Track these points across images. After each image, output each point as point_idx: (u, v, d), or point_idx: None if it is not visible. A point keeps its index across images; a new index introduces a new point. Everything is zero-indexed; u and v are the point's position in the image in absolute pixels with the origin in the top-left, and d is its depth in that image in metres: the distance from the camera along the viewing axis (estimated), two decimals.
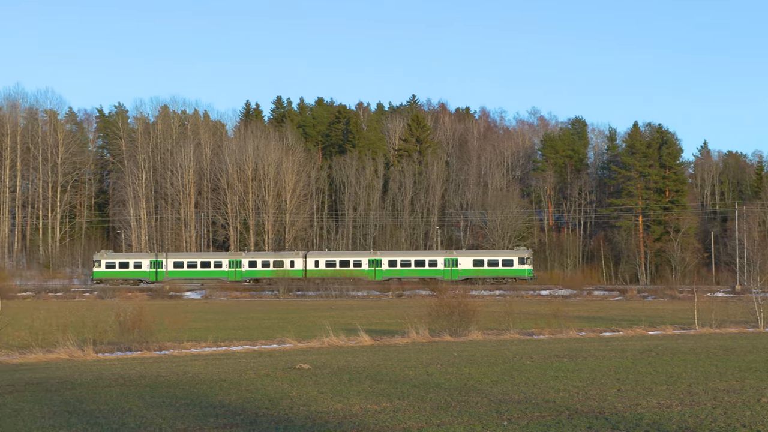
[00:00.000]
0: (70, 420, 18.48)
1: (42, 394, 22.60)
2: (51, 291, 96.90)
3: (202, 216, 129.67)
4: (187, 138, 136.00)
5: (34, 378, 26.26)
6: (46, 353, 33.93)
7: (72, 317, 40.21)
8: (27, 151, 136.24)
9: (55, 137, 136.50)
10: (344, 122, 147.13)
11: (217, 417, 18.58)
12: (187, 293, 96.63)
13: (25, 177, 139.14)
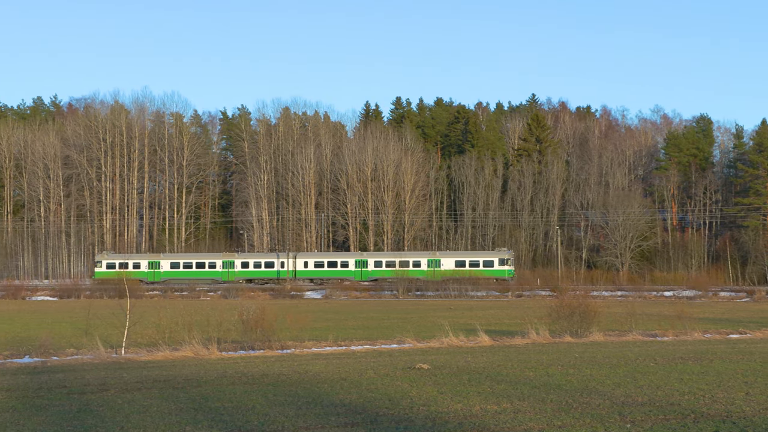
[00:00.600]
0: (196, 417, 18.90)
1: (169, 391, 23.16)
2: (177, 290, 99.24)
3: (323, 216, 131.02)
4: (308, 139, 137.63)
5: (162, 375, 26.92)
6: (173, 351, 34.73)
7: (197, 316, 41.03)
8: (154, 154, 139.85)
9: (181, 140, 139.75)
10: (463, 122, 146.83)
11: (338, 416, 18.76)
12: (308, 293, 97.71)
13: (152, 179, 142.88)
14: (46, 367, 30.64)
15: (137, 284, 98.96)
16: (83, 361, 32.81)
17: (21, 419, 19.10)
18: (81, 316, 53.30)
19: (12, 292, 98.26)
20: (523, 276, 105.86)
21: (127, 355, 34.69)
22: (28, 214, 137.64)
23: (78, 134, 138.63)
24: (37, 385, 24.92)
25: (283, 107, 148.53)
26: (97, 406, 20.70)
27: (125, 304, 37.89)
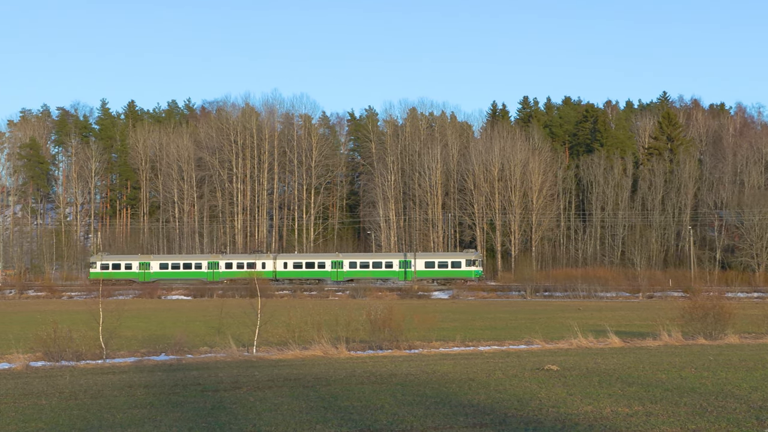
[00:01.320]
0: (326, 415, 19.12)
1: (299, 389, 23.47)
2: (306, 290, 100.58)
3: (449, 216, 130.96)
4: (435, 139, 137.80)
5: (292, 374, 27.31)
6: (302, 350, 35.18)
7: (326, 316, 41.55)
8: (283, 155, 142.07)
9: (310, 141, 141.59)
10: (592, 121, 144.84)
11: (466, 416, 18.73)
12: (435, 293, 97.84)
13: (281, 180, 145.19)
14: (181, 365, 31.41)
15: (129, 284, 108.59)
16: (216, 359, 33.52)
17: (158, 415, 19.64)
18: (214, 315, 54.54)
19: (148, 292, 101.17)
20: (654, 276, 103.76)
21: (259, 353, 35.29)
22: (163, 215, 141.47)
23: (210, 136, 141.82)
24: (173, 382, 25.58)
25: (410, 108, 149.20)
26: (230, 403, 21.13)
27: (256, 303, 38.56)
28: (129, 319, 48.50)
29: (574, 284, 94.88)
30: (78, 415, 19.79)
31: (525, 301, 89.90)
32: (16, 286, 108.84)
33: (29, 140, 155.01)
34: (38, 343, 35.36)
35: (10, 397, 22.97)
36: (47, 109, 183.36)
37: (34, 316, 59.03)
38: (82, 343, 34.87)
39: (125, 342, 40.17)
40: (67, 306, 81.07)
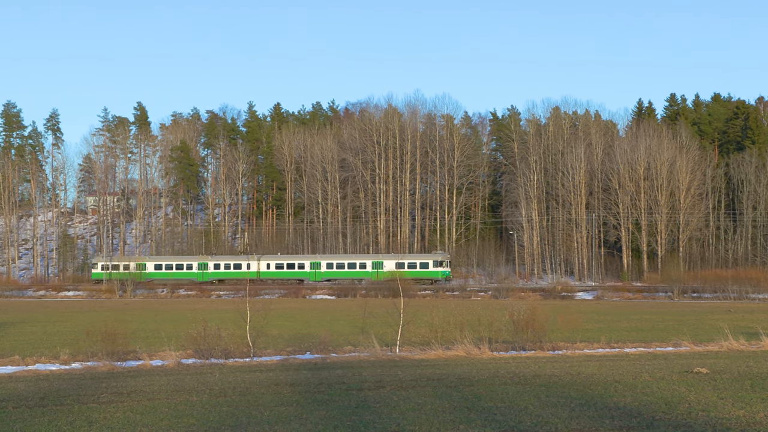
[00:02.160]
0: (469, 416, 19.10)
1: (442, 389, 23.52)
2: (448, 290, 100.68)
3: (593, 216, 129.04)
4: (578, 138, 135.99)
5: (435, 374, 27.38)
6: (445, 350, 35.21)
7: (468, 316, 41.44)
8: (425, 155, 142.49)
9: (451, 141, 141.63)
10: (743, 118, 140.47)
11: (612, 419, 18.46)
12: (579, 294, 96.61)
13: (423, 180, 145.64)
14: (326, 364, 31.84)
15: (128, 283, 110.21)
16: (360, 359, 33.86)
17: (304, 413, 19.97)
18: (357, 315, 55.09)
19: (294, 291, 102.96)
20: None
21: (402, 353, 35.48)
22: (307, 215, 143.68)
23: (354, 137, 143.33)
24: (318, 381, 25.95)
25: (553, 107, 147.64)
26: (374, 402, 21.32)
27: (399, 303, 38.78)
28: (275, 318, 49.43)
29: (723, 285, 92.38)
30: (227, 411, 20.29)
31: (672, 302, 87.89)
32: (167, 286, 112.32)
33: (180, 143, 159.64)
34: (189, 341, 36.37)
35: (164, 393, 23.71)
36: (197, 113, 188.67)
37: (184, 315, 60.78)
38: (230, 342, 35.71)
39: (271, 340, 40.95)
40: (216, 305, 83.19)
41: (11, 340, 44.69)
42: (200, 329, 35.83)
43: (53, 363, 33.32)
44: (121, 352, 34.12)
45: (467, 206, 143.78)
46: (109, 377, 28.19)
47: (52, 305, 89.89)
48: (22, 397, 23.01)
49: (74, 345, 37.37)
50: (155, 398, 22.64)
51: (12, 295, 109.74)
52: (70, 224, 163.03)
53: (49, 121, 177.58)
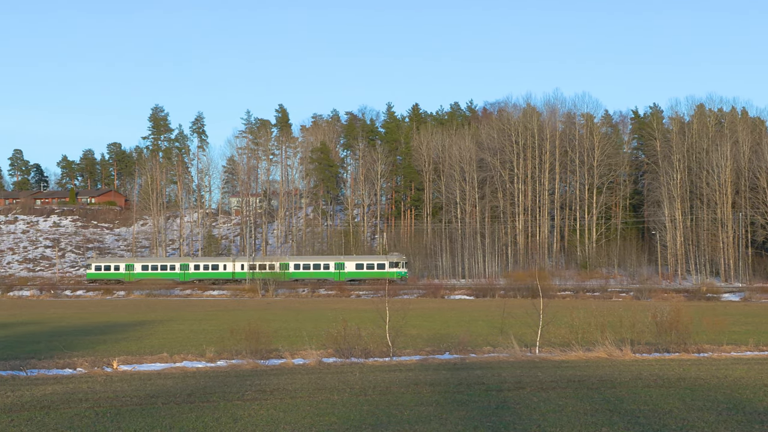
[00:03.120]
0: (612, 418, 18.81)
1: (583, 391, 23.21)
2: (588, 291, 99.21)
3: (740, 216, 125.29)
4: (724, 136, 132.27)
5: (575, 375, 27.03)
6: (586, 351, 34.74)
7: (609, 317, 40.73)
8: (564, 155, 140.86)
9: (591, 140, 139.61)
10: None
11: (762, 424, 17.91)
12: (725, 295, 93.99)
13: (562, 179, 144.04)
14: (465, 364, 31.78)
15: (118, 283, 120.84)
16: (499, 359, 33.68)
17: (443, 413, 19.98)
18: (496, 315, 54.83)
19: (432, 291, 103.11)
20: None
21: (541, 354, 35.16)
22: (445, 215, 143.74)
23: (492, 137, 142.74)
24: (457, 381, 25.93)
25: (697, 104, 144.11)
26: (514, 403, 21.19)
27: (538, 303, 38.44)
28: (413, 318, 49.60)
29: None
30: (368, 410, 20.46)
31: None
32: (308, 285, 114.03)
33: (320, 144, 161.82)
34: (329, 340, 36.82)
35: (305, 391, 24.06)
36: (336, 114, 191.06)
37: (325, 314, 61.55)
38: (370, 341, 35.98)
39: (410, 340, 41.10)
40: (355, 304, 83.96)
41: (160, 338, 46.06)
42: (340, 329, 36.22)
43: (199, 360, 34.20)
44: (264, 350, 34.78)
45: (608, 206, 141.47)
46: (253, 375, 28.77)
47: (198, 304, 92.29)
48: (171, 394, 23.69)
49: (219, 343, 38.25)
50: (297, 396, 22.99)
51: (160, 294, 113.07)
52: (215, 225, 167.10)
53: (195, 124, 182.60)
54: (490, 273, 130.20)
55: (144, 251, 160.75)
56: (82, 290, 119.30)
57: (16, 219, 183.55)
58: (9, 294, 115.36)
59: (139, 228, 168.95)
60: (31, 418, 19.70)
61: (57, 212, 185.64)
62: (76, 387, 25.39)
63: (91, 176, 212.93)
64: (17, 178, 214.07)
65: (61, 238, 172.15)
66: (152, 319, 63.26)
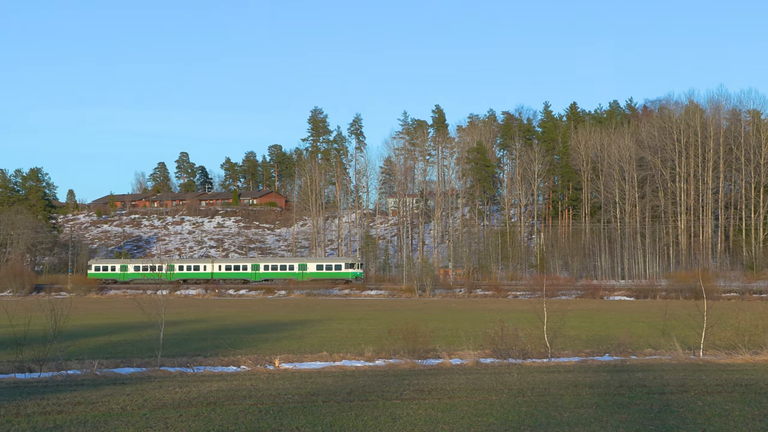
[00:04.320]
0: None
1: (750, 396, 22.51)
2: (755, 292, 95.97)
3: None
4: None
5: (742, 379, 26.23)
6: (753, 355, 33.68)
7: None
8: (729, 153, 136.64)
9: (758, 137, 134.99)
10: None
11: None
12: None
13: (727, 178, 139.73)
14: (625, 366, 31.23)
15: (113, 283, 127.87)
16: (661, 362, 32.97)
17: (604, 415, 19.70)
18: (657, 317, 53.68)
19: (590, 292, 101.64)
20: None
21: (705, 357, 34.26)
22: (604, 215, 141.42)
23: (652, 136, 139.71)
24: (618, 383, 25.51)
25: None
26: (677, 407, 20.72)
27: (701, 305, 37.44)
28: (571, 319, 48.99)
29: None
30: (526, 412, 20.35)
31: None
32: (465, 285, 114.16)
33: (476, 144, 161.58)
34: (487, 340, 36.73)
35: (463, 391, 24.08)
36: (493, 114, 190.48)
37: (482, 314, 61.44)
38: (527, 342, 35.72)
39: (569, 341, 40.61)
40: (512, 305, 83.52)
41: (319, 336, 46.84)
42: (498, 329, 36.08)
43: (358, 359, 34.62)
44: (421, 350, 34.95)
45: None
46: (411, 375, 28.95)
47: (356, 304, 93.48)
48: (331, 392, 24.08)
49: (377, 342, 38.62)
50: (455, 396, 23.04)
51: (320, 294, 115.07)
52: (372, 225, 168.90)
53: (353, 125, 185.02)
54: (650, 274, 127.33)
55: (303, 251, 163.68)
56: (244, 290, 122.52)
57: (183, 220, 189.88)
58: (176, 293, 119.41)
59: (298, 228, 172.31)
60: (198, 414, 20.35)
61: (221, 213, 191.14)
62: (240, 384, 26.09)
63: (253, 178, 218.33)
64: (183, 180, 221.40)
65: (224, 238, 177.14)
66: (312, 319, 64.40)
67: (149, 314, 34.46)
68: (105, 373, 29.35)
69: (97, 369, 29.87)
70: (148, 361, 32.54)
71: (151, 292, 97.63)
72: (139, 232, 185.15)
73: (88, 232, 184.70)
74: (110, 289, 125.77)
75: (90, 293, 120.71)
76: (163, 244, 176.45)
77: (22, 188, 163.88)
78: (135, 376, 28.83)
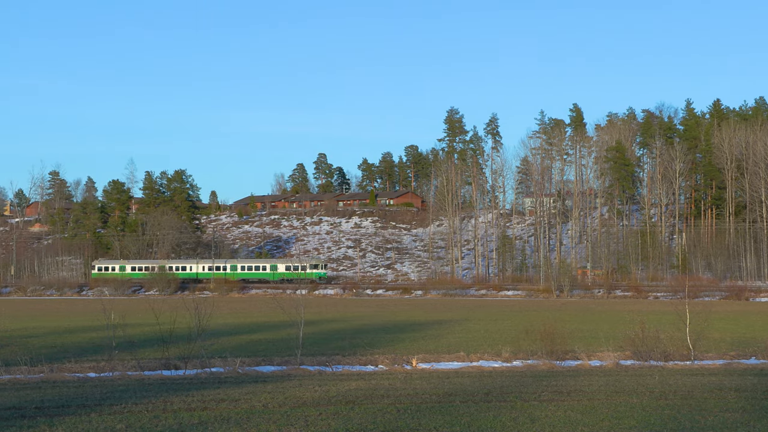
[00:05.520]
0: None
1: None
2: None
3: None
4: None
5: None
6: None
7: None
8: None
9: None
10: None
11: None
12: None
13: None
14: None
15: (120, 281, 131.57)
16: None
17: (751, 420, 19.17)
18: None
19: (735, 293, 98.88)
20: None
21: None
22: (749, 215, 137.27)
23: None
24: (765, 387, 24.78)
25: None
26: None
27: None
28: (715, 321, 47.75)
29: None
30: (669, 415, 19.94)
31: None
32: (603, 286, 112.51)
33: (615, 143, 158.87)
34: (627, 342, 36.13)
35: (602, 393, 23.76)
36: (632, 112, 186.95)
37: (621, 316, 60.42)
38: (669, 344, 34.97)
39: (712, 344, 39.60)
40: (653, 306, 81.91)
41: (456, 336, 46.86)
42: (638, 330, 35.44)
43: (495, 360, 34.50)
44: (559, 351, 34.60)
45: None
46: (549, 376, 28.72)
47: (492, 304, 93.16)
48: (468, 392, 24.06)
49: (514, 343, 38.42)
50: (594, 398, 22.75)
51: (456, 294, 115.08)
52: (509, 225, 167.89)
53: (489, 125, 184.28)
54: None
55: (440, 251, 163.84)
56: (381, 289, 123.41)
57: (321, 220, 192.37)
58: (315, 292, 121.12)
59: (435, 229, 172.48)
60: (337, 412, 20.61)
61: (358, 213, 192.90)
62: (378, 383, 26.31)
63: (390, 178, 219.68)
64: (321, 181, 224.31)
65: (361, 238, 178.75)
66: (448, 319, 64.46)
67: (289, 313, 35.04)
68: (247, 371, 30.02)
69: (239, 367, 30.56)
70: (288, 359, 33.11)
71: (291, 292, 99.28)
72: (278, 232, 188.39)
73: (230, 233, 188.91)
74: (251, 289, 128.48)
75: (231, 292, 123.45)
76: (302, 245, 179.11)
77: (168, 190, 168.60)
78: (276, 374, 29.39)
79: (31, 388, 25.68)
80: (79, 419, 19.79)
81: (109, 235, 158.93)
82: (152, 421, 19.58)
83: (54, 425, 19.07)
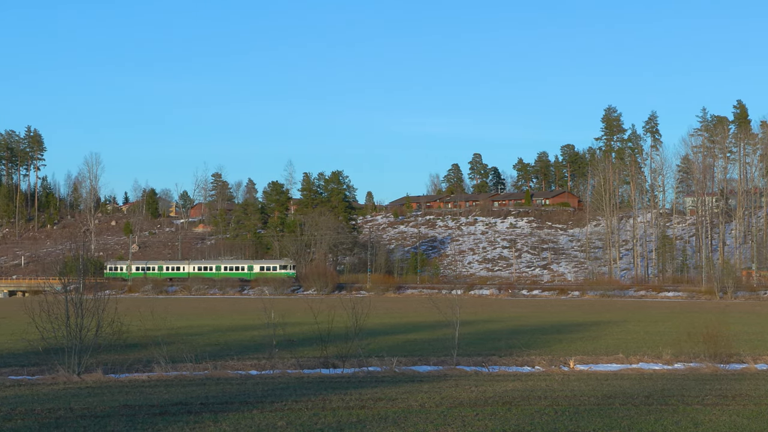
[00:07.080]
0: None
1: None
2: None
3: None
4: None
5: None
6: None
7: None
8: None
9: None
10: None
11: None
12: None
13: None
14: None
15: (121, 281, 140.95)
16: None
17: None
18: None
19: None
20: None
21: None
22: None
23: None
24: None
25: None
26: None
27: None
28: None
29: None
30: None
31: None
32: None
33: None
34: None
35: None
36: None
37: None
38: None
39: None
40: None
41: (615, 338, 46.08)
42: None
43: (655, 362, 33.77)
44: (723, 354, 33.59)
45: None
46: (712, 379, 27.94)
47: (652, 305, 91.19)
48: (628, 395, 23.64)
49: (675, 346, 37.50)
50: (761, 403, 22.04)
51: (614, 295, 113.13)
52: (669, 225, 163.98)
53: (648, 123, 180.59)
54: None
55: (597, 251, 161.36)
56: (537, 290, 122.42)
57: (476, 220, 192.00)
58: (470, 293, 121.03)
59: (591, 229, 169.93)
60: (494, 413, 20.55)
61: (513, 213, 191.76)
62: (535, 384, 26.11)
63: (545, 178, 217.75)
64: (476, 181, 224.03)
65: (517, 238, 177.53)
66: (606, 320, 63.43)
67: (444, 313, 35.12)
68: (403, 371, 30.23)
69: (396, 366, 30.79)
70: (444, 359, 33.19)
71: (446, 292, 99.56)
72: (433, 232, 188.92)
73: (386, 233, 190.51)
74: (407, 288, 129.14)
75: (387, 292, 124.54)
76: (457, 245, 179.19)
77: (325, 191, 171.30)
78: (432, 374, 29.50)
79: (196, 385, 26.53)
80: (241, 415, 20.34)
81: (268, 235, 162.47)
82: (312, 418, 19.93)
83: (218, 421, 19.64)
